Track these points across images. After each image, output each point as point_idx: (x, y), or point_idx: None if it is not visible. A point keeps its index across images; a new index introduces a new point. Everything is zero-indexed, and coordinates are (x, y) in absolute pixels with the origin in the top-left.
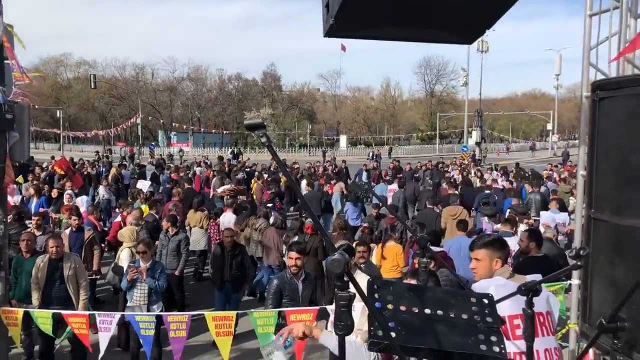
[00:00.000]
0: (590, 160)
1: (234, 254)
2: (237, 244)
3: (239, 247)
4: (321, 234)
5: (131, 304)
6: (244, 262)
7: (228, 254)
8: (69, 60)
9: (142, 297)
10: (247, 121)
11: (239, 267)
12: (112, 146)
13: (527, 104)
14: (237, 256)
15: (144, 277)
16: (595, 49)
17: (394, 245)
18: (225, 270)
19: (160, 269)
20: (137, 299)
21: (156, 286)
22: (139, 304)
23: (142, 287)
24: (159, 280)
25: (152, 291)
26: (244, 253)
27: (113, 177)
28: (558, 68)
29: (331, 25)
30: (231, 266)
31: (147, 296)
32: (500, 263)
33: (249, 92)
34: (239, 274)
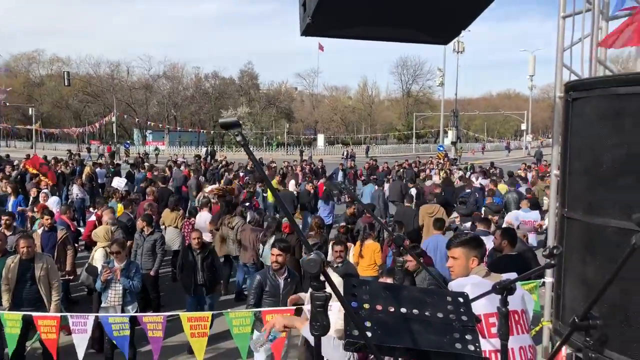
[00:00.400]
0: (564, 160)
1: (204, 256)
2: (206, 245)
3: (208, 248)
4: (297, 233)
5: (105, 305)
6: (215, 263)
7: (197, 257)
8: (42, 57)
9: (116, 297)
10: (222, 120)
11: (210, 268)
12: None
13: (501, 104)
14: (207, 258)
15: (118, 278)
16: (568, 50)
17: (372, 244)
18: (197, 274)
19: (135, 269)
20: (112, 300)
21: (130, 286)
22: (113, 304)
23: (117, 288)
24: (134, 281)
25: (127, 292)
26: (213, 254)
27: (87, 176)
28: (532, 69)
29: (308, 24)
30: (202, 269)
31: (122, 297)
32: (477, 262)
33: (226, 90)
34: (211, 276)
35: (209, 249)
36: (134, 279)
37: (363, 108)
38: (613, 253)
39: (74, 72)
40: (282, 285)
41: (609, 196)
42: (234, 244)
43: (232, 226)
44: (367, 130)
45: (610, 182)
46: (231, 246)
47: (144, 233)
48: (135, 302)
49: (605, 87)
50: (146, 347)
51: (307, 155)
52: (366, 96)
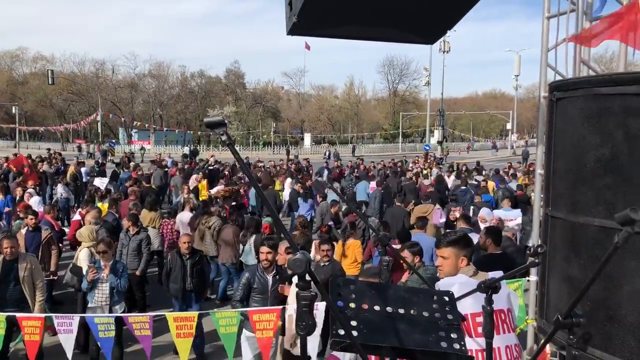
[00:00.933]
0: (548, 159)
1: (194, 262)
2: (196, 250)
3: (198, 254)
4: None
5: (92, 305)
6: (204, 268)
7: (187, 262)
8: (26, 55)
9: (103, 297)
10: (207, 119)
11: (200, 274)
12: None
13: (487, 103)
14: (198, 263)
15: (106, 276)
16: (552, 50)
17: (353, 242)
18: (186, 280)
19: (121, 268)
20: (99, 300)
21: (118, 285)
22: (100, 304)
23: (104, 288)
24: (121, 280)
25: (114, 291)
26: (203, 259)
27: (71, 175)
28: (517, 69)
29: (294, 23)
30: (192, 275)
31: (109, 296)
32: (466, 261)
33: (212, 89)
34: (200, 282)
35: (199, 254)
36: (120, 278)
37: (350, 107)
38: (596, 251)
39: (58, 70)
40: (271, 283)
41: (592, 195)
42: (211, 243)
43: (210, 226)
44: (354, 129)
45: (594, 181)
46: (208, 246)
47: (129, 233)
48: (123, 302)
49: (589, 87)
50: (133, 347)
51: (293, 154)
52: (353, 95)
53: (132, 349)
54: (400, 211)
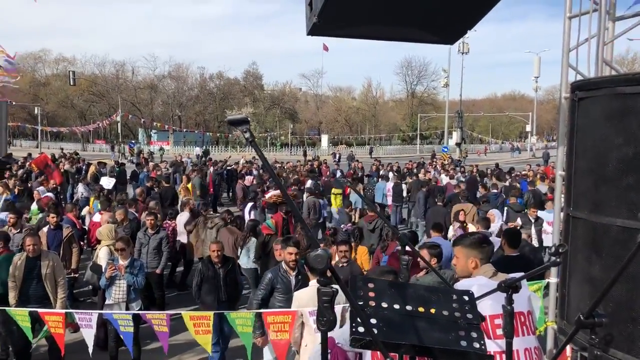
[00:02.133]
0: (569, 160)
1: (227, 270)
2: (228, 259)
3: (230, 262)
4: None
5: (110, 302)
6: (237, 277)
7: (220, 271)
8: (48, 56)
9: (120, 294)
10: (230, 116)
11: (233, 284)
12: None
13: (506, 105)
14: (231, 272)
15: (122, 274)
16: (574, 50)
17: (362, 248)
18: (220, 290)
19: (139, 266)
20: (116, 297)
21: (134, 282)
22: (117, 301)
23: (121, 285)
24: (138, 277)
25: (131, 288)
26: (235, 268)
27: (92, 175)
28: (537, 70)
29: (314, 24)
30: (225, 284)
31: (126, 293)
32: (476, 263)
33: (231, 90)
34: (234, 292)
35: (232, 262)
36: (137, 275)
37: (367, 109)
38: (619, 252)
39: (79, 71)
40: (294, 283)
41: (614, 195)
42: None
43: (211, 227)
44: (371, 131)
45: (616, 181)
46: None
47: (148, 232)
48: (139, 300)
49: (612, 86)
50: (151, 345)
51: (310, 155)
52: (370, 97)
53: (150, 347)
54: (443, 210)
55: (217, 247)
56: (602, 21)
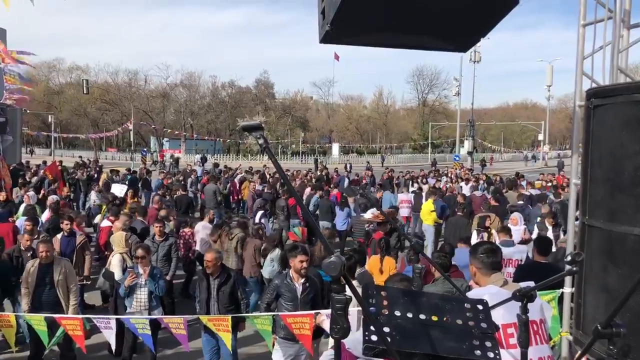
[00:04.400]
0: (584, 168)
1: (221, 282)
2: (225, 268)
3: (227, 272)
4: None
5: (132, 310)
6: (235, 292)
7: (214, 282)
8: (62, 65)
9: (142, 302)
10: (244, 122)
11: (231, 299)
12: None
13: (518, 114)
14: (225, 283)
15: (144, 279)
16: (588, 58)
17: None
18: (212, 305)
19: (158, 273)
20: (138, 305)
21: (156, 289)
22: (139, 309)
23: (142, 292)
24: (159, 284)
25: (152, 296)
26: (236, 279)
27: (104, 183)
28: (550, 79)
29: (327, 32)
30: (217, 299)
31: (148, 301)
32: (477, 272)
33: (242, 99)
34: (229, 305)
35: (228, 273)
36: (158, 282)
37: (378, 117)
38: (636, 261)
39: (92, 80)
40: (300, 290)
41: (631, 203)
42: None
43: (232, 237)
44: (383, 139)
45: (632, 190)
46: (230, 258)
47: (156, 239)
48: (160, 307)
49: (628, 93)
50: (164, 351)
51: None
52: (381, 105)
53: (164, 353)
54: (462, 221)
55: (210, 257)
56: (617, 29)
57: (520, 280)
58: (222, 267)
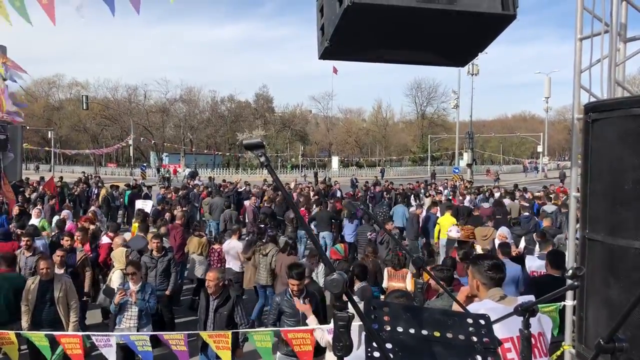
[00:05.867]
0: (584, 182)
1: (219, 303)
2: (226, 289)
3: (227, 295)
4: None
5: (121, 327)
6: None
7: (212, 303)
8: (62, 81)
9: (132, 320)
10: (246, 141)
11: (229, 321)
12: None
13: (517, 126)
14: (223, 305)
15: (133, 300)
16: (586, 71)
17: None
18: (208, 326)
19: (150, 290)
20: (127, 323)
21: (147, 308)
22: (128, 326)
23: (132, 310)
24: (149, 302)
25: (142, 313)
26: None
27: (103, 199)
28: (547, 91)
29: (326, 48)
30: (214, 320)
31: (137, 319)
32: (480, 287)
33: (242, 113)
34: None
35: (228, 294)
36: (149, 300)
37: (377, 130)
38: (637, 275)
39: (92, 96)
40: None
41: (631, 217)
42: (265, 272)
43: (265, 253)
44: (382, 152)
45: (633, 203)
46: (262, 275)
47: (154, 255)
48: (150, 325)
49: (626, 107)
50: None
51: (321, 177)
52: (380, 118)
53: None
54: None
55: (213, 277)
56: (614, 42)
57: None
58: (223, 287)
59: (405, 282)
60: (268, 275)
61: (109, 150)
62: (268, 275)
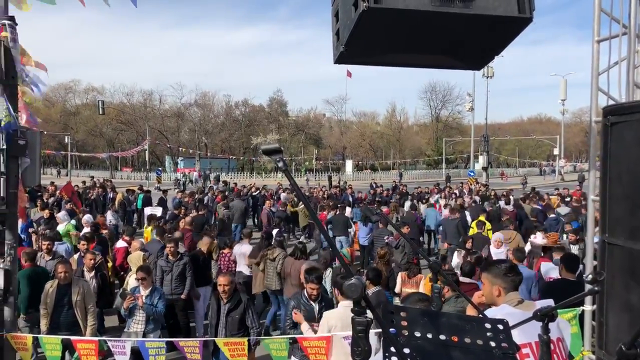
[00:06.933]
0: (603, 185)
1: (231, 307)
2: (237, 293)
3: (239, 298)
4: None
5: (128, 331)
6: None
7: (224, 307)
8: (78, 86)
9: (139, 324)
10: (264, 146)
11: (240, 325)
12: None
13: (532, 128)
14: (235, 309)
15: (141, 305)
16: (604, 74)
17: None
18: (219, 330)
19: (159, 295)
20: (135, 326)
21: (154, 313)
22: (135, 330)
23: (140, 314)
24: (157, 307)
25: (150, 319)
26: (248, 306)
27: (119, 203)
28: (564, 93)
29: (341, 53)
30: (225, 324)
31: (145, 323)
32: (501, 292)
33: (256, 117)
34: (237, 332)
35: (239, 299)
36: (157, 305)
37: (391, 133)
38: None
39: (108, 101)
40: (317, 309)
41: None
42: (274, 277)
43: (273, 258)
44: (396, 155)
45: None
46: (271, 280)
47: (170, 259)
48: (159, 330)
49: None
50: None
51: (336, 181)
52: (394, 121)
53: None
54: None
55: (224, 281)
56: (632, 44)
57: (548, 296)
58: (234, 291)
59: (419, 289)
60: (277, 280)
61: (124, 154)
62: (277, 280)
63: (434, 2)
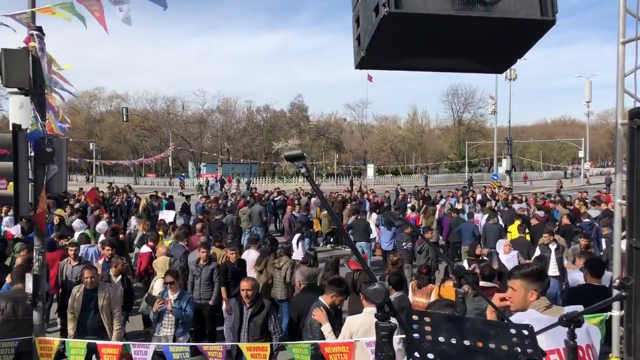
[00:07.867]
0: (630, 189)
1: (254, 312)
2: (260, 298)
3: (261, 303)
4: (361, 264)
5: (158, 335)
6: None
7: (247, 312)
8: (102, 94)
9: (168, 328)
10: (287, 152)
11: (262, 330)
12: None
13: (556, 131)
14: (258, 314)
15: (170, 309)
16: (630, 75)
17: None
18: (242, 335)
19: (187, 299)
20: (165, 330)
21: (183, 316)
22: (165, 334)
23: (170, 318)
24: (186, 311)
25: (179, 322)
26: (270, 311)
27: (143, 208)
28: (588, 95)
29: (362, 58)
30: (249, 330)
31: (174, 327)
32: (536, 295)
33: (277, 122)
34: (259, 336)
35: (262, 304)
36: (186, 309)
37: (413, 137)
38: None
39: (131, 107)
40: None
41: None
42: (281, 286)
43: (280, 266)
44: (418, 159)
45: None
46: (278, 288)
47: (200, 263)
48: (188, 334)
49: None
50: None
51: (357, 185)
52: (416, 125)
53: None
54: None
55: (247, 286)
56: None
57: (573, 302)
58: (257, 296)
59: (430, 298)
60: (283, 289)
61: (147, 161)
62: (283, 289)
63: (455, 6)
